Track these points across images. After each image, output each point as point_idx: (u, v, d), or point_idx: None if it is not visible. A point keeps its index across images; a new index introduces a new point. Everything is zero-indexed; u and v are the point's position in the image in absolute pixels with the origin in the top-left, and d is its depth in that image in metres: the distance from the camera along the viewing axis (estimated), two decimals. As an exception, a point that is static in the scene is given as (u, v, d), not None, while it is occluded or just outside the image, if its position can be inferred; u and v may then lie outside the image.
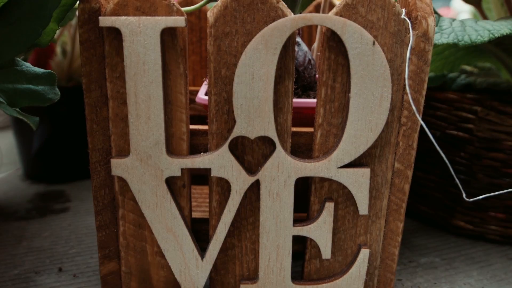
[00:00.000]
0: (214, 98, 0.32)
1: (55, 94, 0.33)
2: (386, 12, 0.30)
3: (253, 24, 0.30)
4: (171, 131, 0.33)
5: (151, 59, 0.30)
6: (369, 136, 0.32)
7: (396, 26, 0.31)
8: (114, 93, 0.32)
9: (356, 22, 0.30)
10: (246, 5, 0.30)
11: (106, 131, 0.33)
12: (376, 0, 0.30)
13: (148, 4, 0.30)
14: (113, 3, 0.30)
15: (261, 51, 0.30)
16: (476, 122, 0.43)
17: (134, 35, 0.30)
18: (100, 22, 0.30)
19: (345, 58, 0.31)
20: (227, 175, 0.33)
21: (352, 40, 0.30)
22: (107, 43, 0.31)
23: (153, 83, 0.31)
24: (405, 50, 0.31)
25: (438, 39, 0.36)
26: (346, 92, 0.32)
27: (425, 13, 0.31)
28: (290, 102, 0.32)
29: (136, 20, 0.30)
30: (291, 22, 0.30)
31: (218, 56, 0.31)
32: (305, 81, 0.39)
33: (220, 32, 0.30)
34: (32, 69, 0.33)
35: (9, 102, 0.31)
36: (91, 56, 0.31)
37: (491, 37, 0.35)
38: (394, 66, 0.31)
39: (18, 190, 0.60)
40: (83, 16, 0.31)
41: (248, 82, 0.30)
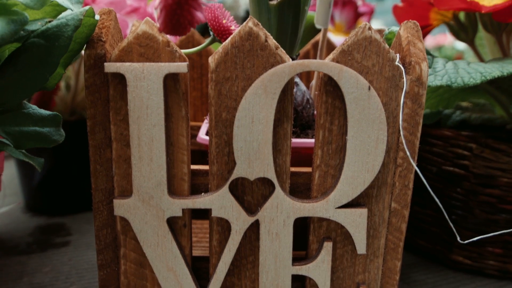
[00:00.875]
0: (215, 140, 0.33)
1: (60, 135, 0.34)
2: (381, 58, 0.32)
3: (253, 70, 0.31)
4: (173, 172, 0.34)
5: (154, 103, 0.31)
6: (366, 177, 0.33)
7: (391, 71, 0.32)
8: (118, 135, 0.33)
9: (352, 67, 0.31)
10: (246, 52, 0.31)
11: (109, 172, 0.34)
12: (371, 47, 0.31)
13: (151, 51, 0.31)
14: (118, 49, 0.31)
15: (260, 96, 0.31)
16: (471, 159, 0.44)
17: (138, 81, 0.31)
18: (106, 68, 0.31)
19: (342, 102, 0.32)
20: (227, 215, 0.33)
21: (349, 85, 0.31)
22: (112, 88, 0.32)
23: (156, 126, 0.32)
24: (400, 94, 0.32)
25: (432, 81, 0.37)
26: (343, 135, 0.33)
27: (419, 58, 0.32)
28: (288, 144, 0.33)
29: (140, 66, 0.31)
30: (289, 68, 0.31)
31: (219, 100, 0.32)
32: (304, 120, 0.40)
33: (221, 77, 0.31)
34: (38, 111, 0.34)
35: (15, 144, 0.32)
36: (96, 100, 0.32)
37: (483, 79, 0.36)
38: (389, 109, 0.32)
39: (19, 222, 0.61)
40: (89, 61, 0.32)
41: (248, 126, 0.31)
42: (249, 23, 0.31)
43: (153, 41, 0.31)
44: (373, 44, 0.31)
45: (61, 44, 0.30)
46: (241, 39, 0.31)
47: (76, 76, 0.62)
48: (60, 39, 0.30)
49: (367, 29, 0.31)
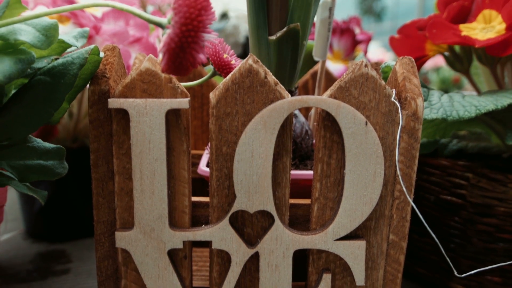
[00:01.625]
0: (216, 173, 0.33)
1: (63, 168, 0.35)
2: (377, 94, 0.32)
3: (253, 105, 0.32)
4: (174, 205, 0.34)
5: (156, 138, 0.32)
6: (364, 210, 0.33)
7: (387, 107, 0.33)
8: (120, 168, 0.34)
9: (349, 103, 0.32)
10: (246, 88, 0.32)
11: (112, 204, 0.34)
12: (367, 83, 0.32)
13: (154, 87, 0.32)
14: (122, 85, 0.32)
15: (260, 131, 0.32)
16: (468, 188, 0.45)
17: (140, 116, 0.32)
18: (109, 104, 0.32)
19: (340, 136, 0.33)
20: (227, 247, 0.34)
21: (346, 120, 0.32)
22: (115, 122, 0.33)
23: (158, 160, 0.32)
24: (396, 129, 0.33)
25: (428, 114, 0.38)
26: (341, 168, 0.33)
27: (414, 94, 0.33)
28: (288, 177, 0.34)
29: (143, 102, 0.32)
30: (288, 104, 0.32)
31: (219, 134, 0.33)
32: (303, 151, 0.41)
33: (222, 112, 0.32)
34: (43, 144, 0.34)
35: (19, 178, 0.33)
36: (99, 134, 0.33)
37: (477, 113, 0.37)
38: (386, 144, 0.33)
39: (20, 249, 0.61)
40: (93, 97, 0.33)
41: (248, 160, 0.32)
42: (249, 61, 0.32)
43: (155, 78, 0.32)
44: (370, 81, 0.32)
45: (66, 82, 0.30)
46: (241, 76, 0.32)
47: (78, 104, 0.63)
48: (66, 76, 0.30)
49: (363, 66, 0.32)
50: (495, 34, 0.42)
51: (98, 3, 0.27)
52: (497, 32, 0.42)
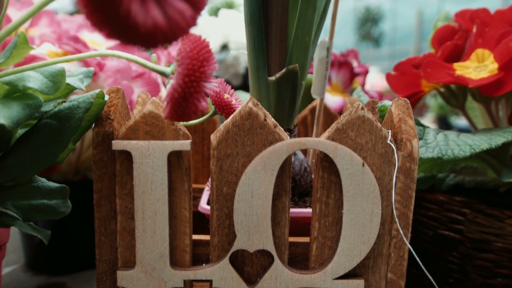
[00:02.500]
0: (216, 213, 0.34)
1: (67, 207, 0.35)
2: (373, 136, 0.33)
3: (253, 147, 0.33)
4: (175, 244, 0.35)
5: (158, 179, 0.33)
6: (362, 249, 0.34)
7: (384, 148, 0.34)
8: (123, 208, 0.34)
9: (347, 145, 0.33)
10: (246, 130, 0.33)
11: (114, 243, 0.35)
12: (364, 125, 0.33)
13: (157, 129, 0.33)
14: (125, 127, 0.33)
15: (259, 172, 0.33)
16: (466, 224, 0.45)
17: (143, 158, 0.33)
18: (113, 146, 0.33)
19: (338, 177, 0.34)
20: (227, 286, 0.34)
21: (343, 162, 0.33)
22: (118, 163, 0.34)
23: (160, 200, 0.33)
24: (392, 169, 0.34)
25: (424, 153, 0.39)
26: (339, 208, 0.34)
27: (410, 135, 0.34)
28: (287, 217, 0.34)
29: (146, 144, 0.33)
30: (287, 146, 0.33)
31: (220, 175, 0.33)
32: (302, 188, 0.42)
33: (222, 154, 0.33)
34: (47, 184, 0.35)
35: (24, 217, 0.33)
36: (103, 175, 0.34)
37: (472, 152, 0.37)
38: (383, 184, 0.34)
39: (20, 282, 0.61)
40: (97, 138, 0.34)
41: (248, 200, 0.33)
42: (249, 104, 0.33)
43: (158, 120, 0.33)
44: (366, 123, 0.33)
45: (72, 125, 0.31)
46: (241, 118, 0.33)
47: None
48: (72, 120, 0.31)
49: (360, 109, 0.33)
50: (488, 73, 0.43)
51: (105, 53, 0.29)
52: (490, 72, 0.43)
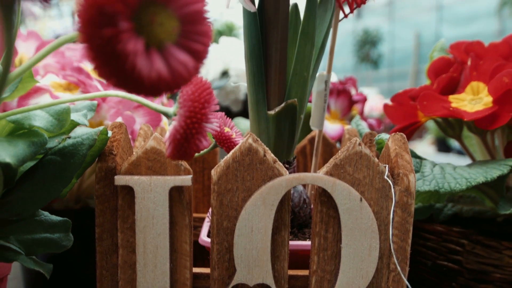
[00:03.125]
0: (216, 247, 0.34)
1: (69, 240, 0.36)
2: (371, 171, 0.34)
3: (252, 182, 0.34)
4: (175, 277, 0.35)
5: (159, 214, 0.33)
6: (360, 283, 0.34)
7: (381, 183, 0.34)
8: (124, 242, 0.35)
9: (345, 180, 0.34)
10: (246, 165, 0.34)
11: (115, 277, 0.35)
12: (361, 161, 0.34)
13: (158, 164, 0.34)
14: (128, 162, 0.34)
15: (259, 207, 0.33)
16: (464, 255, 0.46)
17: (145, 193, 0.33)
18: (116, 181, 0.33)
19: (336, 211, 0.34)
20: (227, 320, 0.34)
21: (341, 197, 0.33)
22: (121, 198, 0.34)
23: (161, 235, 0.34)
24: (390, 204, 0.34)
25: (421, 186, 0.39)
26: (338, 242, 0.35)
27: (406, 170, 0.34)
28: (286, 251, 0.35)
29: (148, 179, 0.33)
30: (286, 182, 0.33)
31: (220, 209, 0.34)
32: (301, 220, 0.42)
33: (223, 188, 0.34)
34: (50, 218, 0.36)
35: (26, 252, 0.34)
36: (105, 209, 0.35)
37: (468, 185, 0.38)
38: (380, 218, 0.34)
39: (19, 311, 0.61)
40: (100, 173, 0.34)
41: (248, 235, 0.33)
42: (249, 140, 0.34)
43: (160, 156, 0.34)
44: (364, 158, 0.34)
45: (76, 162, 0.32)
46: (241, 154, 0.34)
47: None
48: (76, 156, 0.32)
49: (357, 145, 0.34)
50: (483, 106, 0.44)
51: (110, 93, 0.29)
52: (484, 105, 0.44)
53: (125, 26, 0.18)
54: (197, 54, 0.20)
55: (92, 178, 0.62)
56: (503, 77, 0.42)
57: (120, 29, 0.18)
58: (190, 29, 0.20)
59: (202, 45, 0.20)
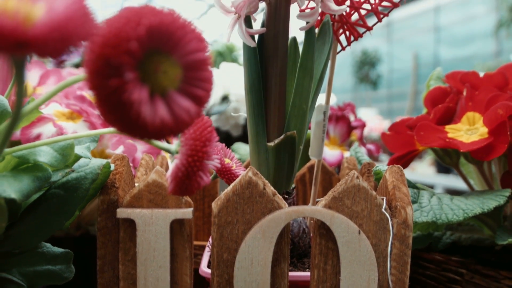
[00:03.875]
0: (217, 279, 0.35)
1: (70, 272, 0.36)
2: (369, 204, 0.35)
3: (252, 215, 0.34)
4: (176, 310, 0.35)
5: (160, 246, 0.34)
6: (360, 316, 0.34)
7: (379, 215, 0.35)
8: (125, 274, 0.35)
9: (343, 213, 0.34)
10: (246, 198, 0.34)
11: (115, 309, 0.35)
12: (359, 194, 0.35)
13: (160, 197, 0.34)
14: (130, 195, 0.35)
15: (259, 240, 0.34)
16: (463, 284, 0.46)
17: (146, 225, 0.34)
18: (118, 214, 0.34)
19: (335, 244, 0.35)
20: None
21: (340, 230, 0.34)
22: (122, 230, 0.35)
23: (162, 267, 0.34)
24: (388, 236, 0.35)
25: (418, 217, 0.40)
26: (337, 274, 0.35)
27: (404, 203, 0.35)
28: (286, 283, 0.35)
29: (149, 212, 0.34)
30: (285, 215, 0.34)
31: (220, 242, 0.34)
32: (300, 249, 0.43)
33: (223, 221, 0.34)
34: (52, 249, 0.36)
35: (28, 284, 0.34)
36: (106, 241, 0.35)
37: (465, 216, 0.39)
38: (379, 250, 0.35)
39: None
40: (102, 206, 0.35)
41: (248, 267, 0.34)
42: (249, 173, 0.34)
43: (161, 189, 0.34)
44: (361, 191, 0.35)
45: (79, 195, 0.33)
46: (241, 187, 0.34)
47: (84, 191, 0.65)
48: (79, 190, 0.33)
49: (355, 178, 0.35)
50: (478, 136, 0.45)
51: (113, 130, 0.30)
52: (480, 135, 0.45)
53: (131, 76, 0.19)
54: (198, 100, 0.21)
55: (93, 205, 0.63)
56: (498, 109, 0.43)
57: (126, 79, 0.18)
58: (192, 75, 0.21)
59: (203, 91, 0.21)
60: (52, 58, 0.15)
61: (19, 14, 0.15)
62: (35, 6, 0.16)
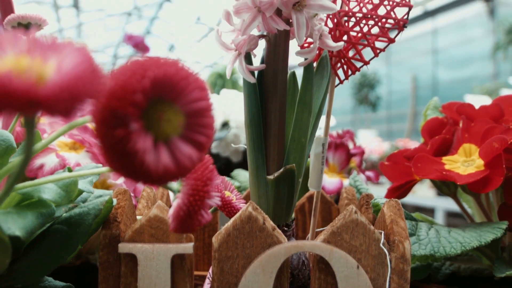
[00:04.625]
0: (217, 314, 0.35)
1: (72, 306, 0.36)
2: (367, 238, 0.35)
3: (252, 249, 0.35)
4: None
5: (161, 281, 0.34)
6: None
7: (377, 250, 0.35)
8: (126, 309, 0.35)
9: (341, 247, 0.35)
10: (246, 233, 0.35)
11: None
12: (358, 228, 0.35)
13: (161, 232, 0.35)
14: (131, 230, 0.35)
15: (259, 275, 0.34)
16: (463, 316, 0.46)
17: (148, 260, 0.34)
18: (120, 249, 0.34)
19: (334, 278, 0.35)
20: None
21: (339, 264, 0.34)
22: (123, 265, 0.35)
23: (162, 302, 0.34)
24: (386, 270, 0.35)
25: (417, 250, 0.40)
26: (336, 308, 0.35)
27: (401, 237, 0.36)
28: (285, 318, 0.35)
29: (151, 247, 0.34)
30: (285, 250, 0.34)
31: (221, 276, 0.35)
32: (300, 282, 0.43)
33: (223, 256, 0.35)
34: (53, 283, 0.36)
35: (30, 319, 0.34)
36: (108, 276, 0.35)
37: (463, 249, 0.39)
38: (377, 284, 0.35)
39: None
40: (104, 241, 0.35)
41: (248, 302, 0.34)
42: (249, 208, 0.35)
43: (163, 224, 0.35)
44: (360, 226, 0.35)
45: (81, 231, 0.33)
46: (241, 222, 0.35)
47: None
48: (81, 226, 0.33)
49: (353, 213, 0.35)
50: (475, 168, 0.46)
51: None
52: (477, 167, 0.46)
53: (136, 126, 0.19)
54: (200, 146, 0.22)
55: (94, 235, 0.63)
56: (493, 142, 0.43)
57: (131, 129, 0.19)
58: (194, 122, 0.22)
59: (205, 137, 0.22)
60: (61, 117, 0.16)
61: (32, 74, 0.16)
62: (46, 65, 0.17)
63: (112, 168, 0.21)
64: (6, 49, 0.17)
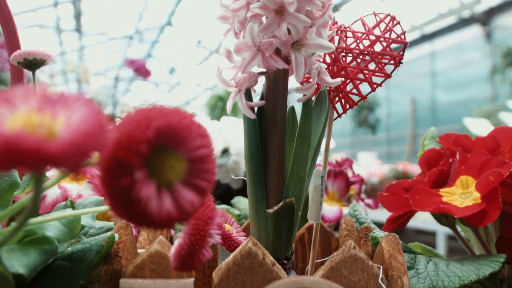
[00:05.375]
0: None
1: None
2: (366, 274, 0.36)
3: (252, 284, 0.35)
4: None
5: (162, 317, 0.34)
6: None
7: (376, 285, 0.36)
8: None
9: (340, 283, 0.35)
10: (246, 268, 0.35)
11: None
12: (356, 264, 0.36)
13: (162, 267, 0.35)
14: (133, 265, 0.35)
15: (259, 311, 0.34)
16: None
17: (148, 296, 0.34)
18: (121, 284, 0.35)
19: (333, 314, 0.35)
20: None
21: (338, 300, 0.35)
22: (124, 300, 0.35)
23: (163, 338, 0.34)
24: (385, 306, 0.36)
25: (415, 284, 0.40)
26: None
27: (400, 272, 0.36)
28: None
29: (151, 283, 0.35)
30: (284, 285, 0.35)
31: (221, 312, 0.35)
32: (300, 315, 0.43)
33: (223, 291, 0.35)
34: (55, 318, 0.37)
35: None
36: (109, 311, 0.36)
37: (461, 283, 0.39)
38: (377, 320, 0.35)
39: None
40: (106, 276, 0.36)
41: (248, 339, 0.34)
42: (249, 243, 0.35)
43: (164, 259, 0.35)
44: (358, 261, 0.36)
45: (84, 267, 0.34)
46: (241, 257, 0.35)
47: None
48: (83, 262, 0.34)
49: (352, 248, 0.36)
50: (472, 201, 0.46)
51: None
52: (474, 200, 0.46)
53: (140, 175, 0.20)
54: (202, 190, 0.23)
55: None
56: (489, 176, 0.44)
57: (136, 178, 0.20)
58: (196, 167, 0.23)
59: (207, 182, 0.23)
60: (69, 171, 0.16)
61: (42, 131, 0.17)
62: (56, 121, 0.18)
63: (116, 213, 0.21)
64: (17, 105, 0.18)
